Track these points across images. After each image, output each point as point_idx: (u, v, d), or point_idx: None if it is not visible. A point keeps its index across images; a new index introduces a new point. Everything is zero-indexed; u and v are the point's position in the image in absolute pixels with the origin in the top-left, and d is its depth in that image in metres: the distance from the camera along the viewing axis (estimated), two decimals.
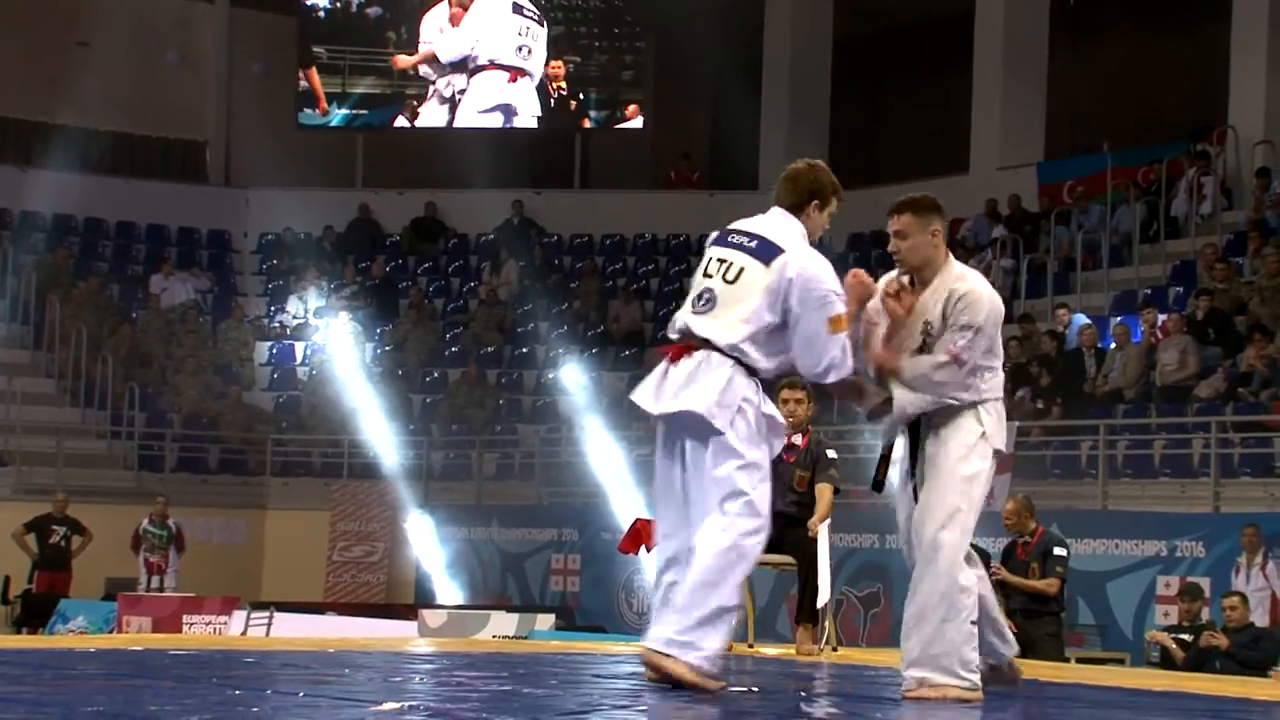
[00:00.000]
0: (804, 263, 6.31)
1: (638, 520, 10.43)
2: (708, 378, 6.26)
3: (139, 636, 13.54)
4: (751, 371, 6.31)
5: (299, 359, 25.70)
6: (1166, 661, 13.60)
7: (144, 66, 27.41)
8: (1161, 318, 19.01)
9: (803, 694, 6.56)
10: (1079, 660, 13.68)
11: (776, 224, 6.45)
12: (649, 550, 10.30)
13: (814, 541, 9.32)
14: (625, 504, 19.50)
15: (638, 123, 28.17)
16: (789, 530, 9.36)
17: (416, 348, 25.47)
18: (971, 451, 6.31)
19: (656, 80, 28.78)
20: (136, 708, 5.24)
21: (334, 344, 24.92)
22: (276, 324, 26.31)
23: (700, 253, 5.69)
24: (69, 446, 22.33)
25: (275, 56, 28.35)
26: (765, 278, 6.29)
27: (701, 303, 6.37)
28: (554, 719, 5.21)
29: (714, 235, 6.59)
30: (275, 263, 27.50)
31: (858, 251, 23.60)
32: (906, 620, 6.27)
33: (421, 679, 6.91)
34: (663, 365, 6.42)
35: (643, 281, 26.82)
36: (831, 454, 9.51)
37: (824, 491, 9.36)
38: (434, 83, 27.30)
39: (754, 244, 6.39)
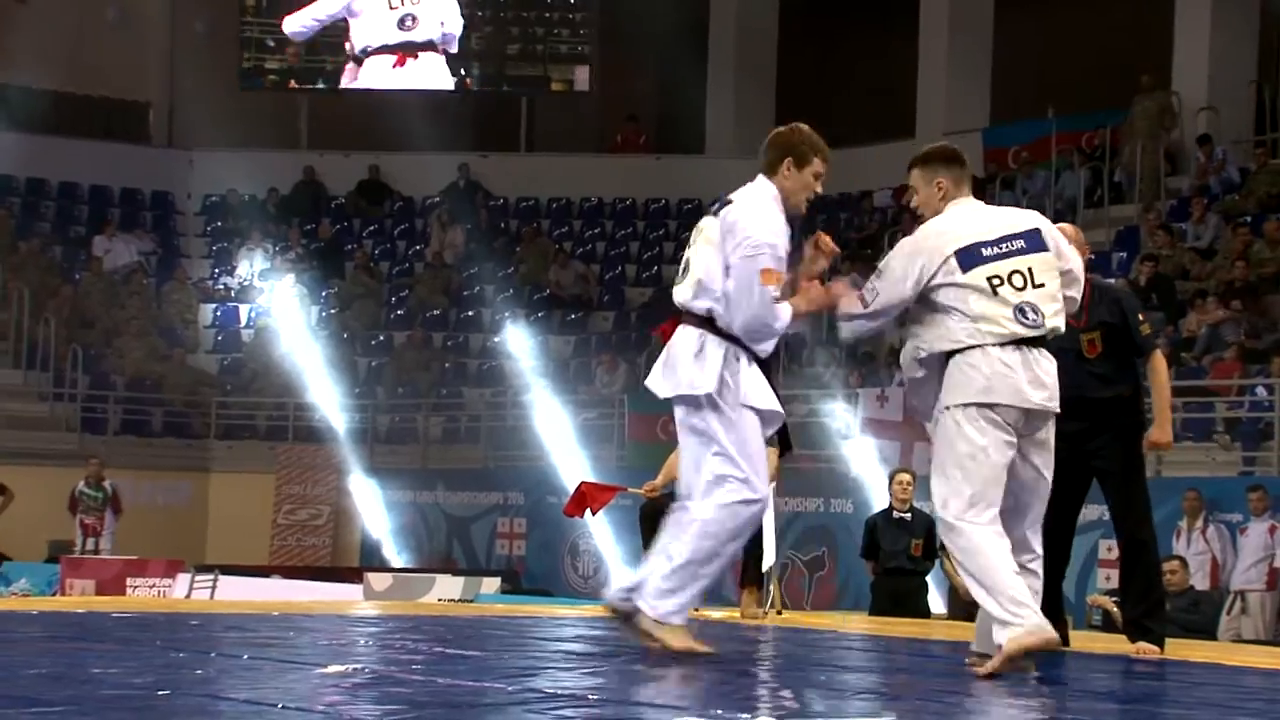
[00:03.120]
0: (742, 211, 6.28)
1: (583, 484, 10.45)
2: (683, 353, 6.26)
3: (82, 599, 13.46)
4: (727, 336, 6.24)
5: (243, 321, 25.56)
6: (1108, 625, 13.70)
7: (85, 25, 27.08)
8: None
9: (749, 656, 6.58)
10: None
11: (747, 187, 6.45)
12: (594, 514, 10.34)
13: None
14: (571, 467, 19.52)
15: (584, 86, 28.04)
16: None
17: (362, 311, 25.37)
18: (939, 437, 6.11)
19: (602, 43, 28.62)
20: (79, 670, 5.22)
21: (279, 307, 24.78)
22: (221, 286, 26.15)
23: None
24: (10, 409, 22.17)
25: (217, 16, 28.07)
26: (715, 231, 6.30)
27: (680, 272, 6.41)
28: (498, 681, 5.22)
29: None
30: (219, 225, 27.31)
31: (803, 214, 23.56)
32: None
33: (366, 642, 6.90)
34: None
35: (589, 245, 26.78)
36: None
37: (769, 455, 9.37)
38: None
39: (715, 205, 6.44)
